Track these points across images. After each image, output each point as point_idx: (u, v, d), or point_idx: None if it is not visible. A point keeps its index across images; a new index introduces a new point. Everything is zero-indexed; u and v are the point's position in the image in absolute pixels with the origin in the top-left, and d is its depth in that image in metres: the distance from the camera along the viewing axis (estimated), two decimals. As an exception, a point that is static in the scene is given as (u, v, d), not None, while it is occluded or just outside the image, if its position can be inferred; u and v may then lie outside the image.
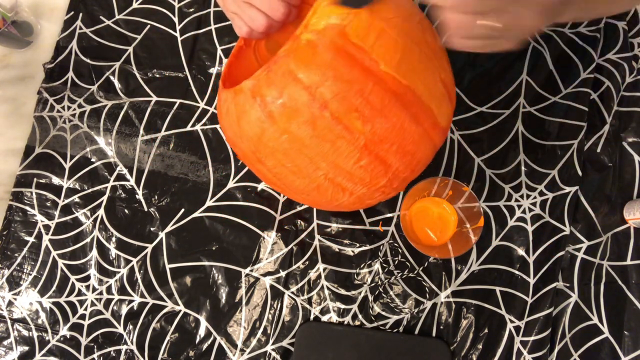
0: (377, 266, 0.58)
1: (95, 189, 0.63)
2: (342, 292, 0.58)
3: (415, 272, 0.57)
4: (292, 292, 0.59)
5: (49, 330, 0.61)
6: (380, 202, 0.46)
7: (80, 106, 0.66)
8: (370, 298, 0.57)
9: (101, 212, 0.63)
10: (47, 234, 0.63)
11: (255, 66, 0.52)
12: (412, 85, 0.37)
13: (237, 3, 0.42)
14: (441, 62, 0.42)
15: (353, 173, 0.39)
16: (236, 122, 0.40)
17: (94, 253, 0.62)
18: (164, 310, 0.60)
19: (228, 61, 0.49)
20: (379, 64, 0.36)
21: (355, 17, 0.36)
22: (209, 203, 0.61)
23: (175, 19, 0.67)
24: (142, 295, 0.60)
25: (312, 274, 0.59)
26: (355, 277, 0.58)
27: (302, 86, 0.36)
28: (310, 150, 0.38)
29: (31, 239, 0.63)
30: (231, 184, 0.61)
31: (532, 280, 0.56)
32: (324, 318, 0.58)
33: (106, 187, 0.63)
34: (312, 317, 0.58)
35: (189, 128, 0.64)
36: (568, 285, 0.56)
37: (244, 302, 0.59)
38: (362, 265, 0.58)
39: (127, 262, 0.61)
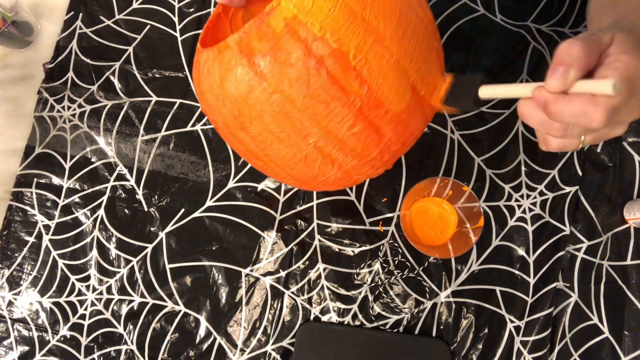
0: (377, 266, 0.58)
1: (95, 189, 0.63)
2: (342, 292, 0.58)
3: (415, 272, 0.57)
4: (292, 292, 0.59)
5: (49, 330, 0.61)
6: (368, 178, 0.44)
7: (80, 106, 0.66)
8: (370, 298, 0.57)
9: (101, 212, 0.63)
10: (47, 234, 0.63)
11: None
12: (410, 49, 0.36)
13: None
14: (434, 29, 0.40)
15: (345, 141, 0.37)
16: (219, 83, 0.37)
17: (94, 253, 0.62)
18: (164, 310, 0.60)
19: (205, 26, 0.45)
20: (377, 20, 0.34)
21: None
22: (209, 203, 0.61)
23: (175, 19, 0.67)
24: (142, 295, 0.60)
25: (312, 274, 0.59)
26: (355, 277, 0.58)
27: (297, 38, 0.33)
28: (302, 113, 0.35)
29: (31, 239, 0.63)
30: (231, 183, 0.61)
31: (532, 280, 0.56)
32: (324, 318, 0.58)
33: (106, 187, 0.63)
34: (312, 317, 0.58)
35: (189, 128, 0.64)
36: (568, 285, 0.56)
37: (244, 302, 0.59)
38: (362, 265, 0.58)
39: (127, 262, 0.61)
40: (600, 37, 0.30)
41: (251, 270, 0.60)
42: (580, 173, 0.57)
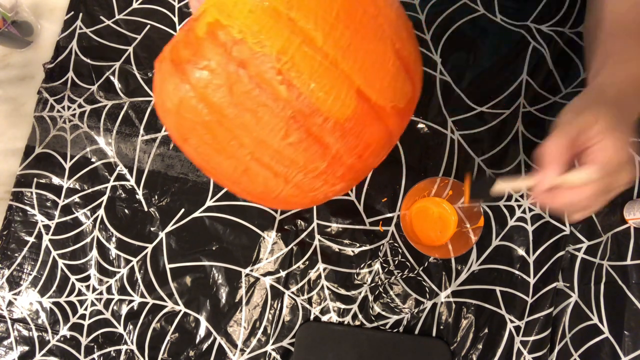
0: (377, 266, 0.58)
1: (95, 189, 0.63)
2: (342, 292, 0.58)
3: (415, 272, 0.57)
4: (292, 292, 0.59)
5: (49, 330, 0.61)
6: (331, 197, 0.41)
7: (80, 106, 0.66)
8: (370, 298, 0.57)
9: (101, 212, 0.63)
10: (47, 234, 0.63)
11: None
12: (351, 50, 0.32)
13: None
14: (397, 30, 0.35)
15: (282, 152, 0.34)
16: (159, 93, 0.36)
17: (94, 253, 0.62)
18: (164, 310, 0.60)
19: (173, 38, 0.41)
20: (307, 20, 0.31)
21: None
22: (209, 203, 0.61)
23: (175, 19, 0.67)
24: (142, 295, 0.60)
25: (312, 274, 0.59)
26: (355, 277, 0.58)
27: (218, 43, 0.32)
28: (230, 121, 0.33)
29: (31, 239, 0.63)
30: (231, 184, 0.61)
31: (532, 280, 0.56)
32: (324, 318, 0.58)
33: (106, 187, 0.63)
34: (312, 317, 0.58)
35: (189, 128, 0.64)
36: (568, 285, 0.56)
37: (244, 302, 0.59)
38: (362, 265, 0.58)
39: (127, 262, 0.61)
40: (582, 123, 0.34)
41: (251, 270, 0.60)
42: (580, 173, 0.57)
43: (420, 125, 0.60)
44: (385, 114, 0.35)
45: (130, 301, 0.61)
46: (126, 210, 0.63)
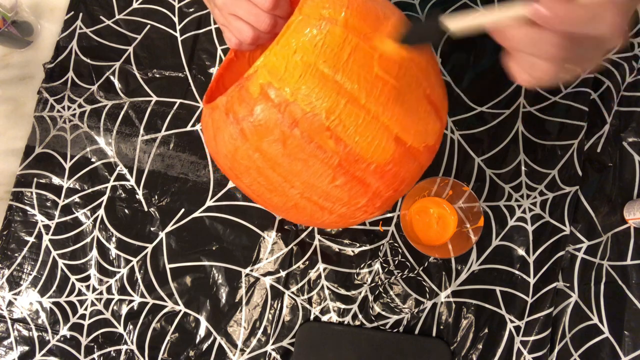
0: (377, 266, 0.58)
1: (95, 189, 0.63)
2: (342, 292, 0.58)
3: (415, 272, 0.57)
4: (292, 292, 0.59)
5: (49, 330, 0.61)
6: (364, 220, 0.45)
7: (80, 106, 0.66)
8: (370, 298, 0.57)
9: (101, 212, 0.63)
10: (47, 234, 0.63)
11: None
12: (387, 105, 0.36)
13: (224, 15, 0.41)
14: (427, 75, 0.40)
15: (329, 192, 0.38)
16: (213, 138, 0.40)
17: (94, 253, 0.62)
18: (164, 310, 0.60)
19: (216, 74, 0.48)
20: (351, 82, 0.35)
21: (329, 33, 0.35)
22: (209, 203, 0.61)
23: (175, 19, 0.67)
24: (142, 295, 0.60)
25: (312, 274, 0.59)
26: (355, 277, 0.58)
27: (272, 104, 0.35)
28: (283, 169, 0.37)
29: (31, 239, 0.63)
30: (231, 183, 0.61)
31: (532, 280, 0.56)
32: (324, 318, 0.58)
33: (106, 187, 0.63)
34: (312, 317, 0.58)
35: (189, 128, 0.64)
36: (568, 285, 0.56)
37: (244, 302, 0.59)
38: (362, 265, 0.58)
39: (127, 262, 0.61)
40: None
41: (251, 270, 0.60)
42: (580, 173, 0.57)
43: (420, 125, 0.60)
44: (419, 153, 0.39)
45: (130, 301, 0.61)
46: (126, 210, 0.63)
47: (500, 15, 0.27)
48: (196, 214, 0.61)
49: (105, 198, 0.63)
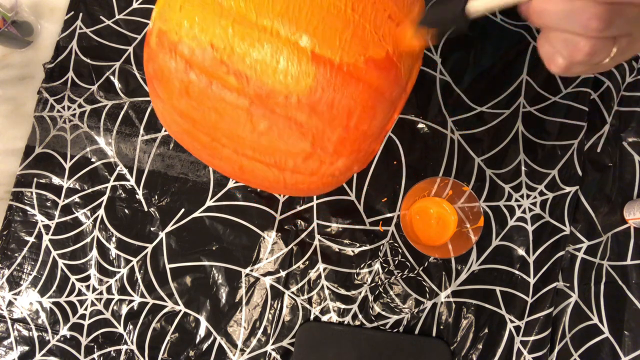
0: (377, 266, 0.58)
1: (95, 189, 0.63)
2: (342, 292, 0.58)
3: (415, 272, 0.57)
4: (292, 292, 0.59)
5: (49, 330, 0.61)
6: (344, 177, 0.38)
7: (80, 106, 0.66)
8: (370, 298, 0.57)
9: (101, 212, 0.63)
10: (47, 234, 0.63)
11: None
12: (287, 15, 0.28)
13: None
14: None
15: (260, 143, 0.32)
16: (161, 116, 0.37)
17: (94, 253, 0.62)
18: (164, 310, 0.60)
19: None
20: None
21: None
22: (209, 203, 0.61)
23: (175, 19, 0.67)
24: (142, 295, 0.60)
25: (312, 274, 0.59)
26: (355, 277, 0.58)
27: (165, 51, 0.31)
28: (202, 124, 0.32)
29: (31, 239, 0.63)
30: (231, 183, 0.61)
31: (532, 280, 0.56)
32: (324, 318, 0.58)
33: (106, 187, 0.63)
34: (312, 317, 0.58)
35: (189, 128, 0.64)
36: (568, 285, 0.56)
37: (244, 302, 0.59)
38: (362, 265, 0.58)
39: (127, 262, 0.61)
40: None
41: (251, 270, 0.60)
42: (580, 173, 0.57)
43: (420, 125, 0.60)
44: (361, 71, 0.30)
45: (130, 301, 0.61)
46: (126, 210, 0.63)
47: None
48: (196, 214, 0.61)
49: (105, 198, 0.63)
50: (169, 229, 0.61)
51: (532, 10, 0.23)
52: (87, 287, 0.61)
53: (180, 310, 0.60)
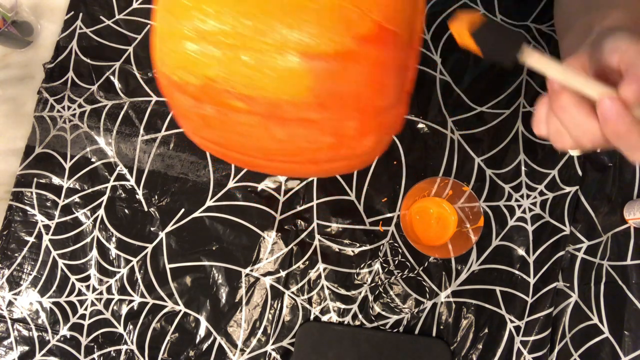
0: (377, 266, 0.58)
1: (96, 189, 0.63)
2: (342, 292, 0.58)
3: (415, 272, 0.57)
4: (292, 292, 0.59)
5: (49, 330, 0.61)
6: (376, 153, 0.39)
7: (80, 106, 0.66)
8: (370, 298, 0.57)
9: (101, 212, 0.63)
10: (47, 234, 0.63)
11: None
12: (257, 23, 0.28)
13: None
14: None
15: (286, 148, 0.33)
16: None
17: (94, 253, 0.62)
18: (164, 310, 0.60)
19: None
20: (221, 23, 0.29)
21: None
22: (209, 203, 0.61)
23: (175, 19, 0.67)
24: (142, 295, 0.60)
25: (312, 274, 0.59)
26: (355, 277, 0.58)
27: (175, 90, 0.32)
28: (232, 146, 0.34)
29: (31, 239, 0.63)
30: (231, 183, 0.61)
31: (532, 280, 0.56)
32: (324, 318, 0.58)
33: (106, 187, 0.63)
34: (312, 317, 0.58)
35: (189, 128, 0.64)
36: (568, 285, 0.56)
37: (244, 302, 0.59)
38: (362, 265, 0.58)
39: (127, 262, 0.61)
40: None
41: (251, 270, 0.60)
42: (580, 173, 0.57)
43: (420, 125, 0.60)
44: (353, 52, 0.29)
45: (130, 301, 0.61)
46: (126, 210, 0.63)
47: (584, 86, 0.25)
48: (196, 214, 0.61)
49: (105, 198, 0.63)
50: (169, 229, 0.61)
51: (603, 118, 0.24)
52: (87, 287, 0.61)
53: (180, 310, 0.60)
